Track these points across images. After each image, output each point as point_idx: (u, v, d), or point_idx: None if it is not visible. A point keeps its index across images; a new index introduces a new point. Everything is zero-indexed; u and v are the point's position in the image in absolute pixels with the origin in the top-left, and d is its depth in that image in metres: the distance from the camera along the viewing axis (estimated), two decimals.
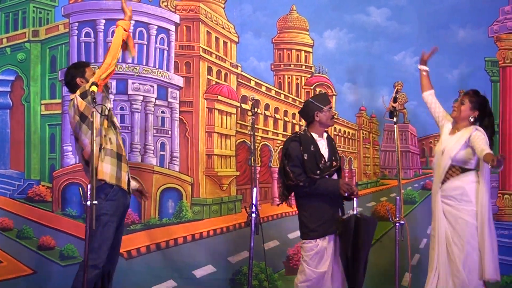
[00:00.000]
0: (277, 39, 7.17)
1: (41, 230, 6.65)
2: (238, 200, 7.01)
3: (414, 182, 7.04)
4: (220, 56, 7.07)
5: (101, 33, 6.85)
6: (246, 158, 7.07)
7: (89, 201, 4.49)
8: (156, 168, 6.88)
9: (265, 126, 7.18)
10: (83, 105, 4.91)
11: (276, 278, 6.81)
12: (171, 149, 6.96)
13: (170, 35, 7.02)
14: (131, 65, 6.85)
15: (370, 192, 7.09)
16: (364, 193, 7.03)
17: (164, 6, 6.99)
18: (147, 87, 6.92)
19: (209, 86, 7.02)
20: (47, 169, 6.77)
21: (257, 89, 7.12)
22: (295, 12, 7.16)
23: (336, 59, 7.09)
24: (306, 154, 5.19)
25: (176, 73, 7.00)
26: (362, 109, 7.12)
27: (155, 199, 6.83)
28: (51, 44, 6.90)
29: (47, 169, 6.77)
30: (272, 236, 6.77)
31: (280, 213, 7.00)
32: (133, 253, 6.70)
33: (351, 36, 7.03)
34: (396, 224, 5.29)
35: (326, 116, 5.31)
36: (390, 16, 6.97)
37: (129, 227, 6.70)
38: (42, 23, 6.93)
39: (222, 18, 7.09)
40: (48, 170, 6.78)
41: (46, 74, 6.88)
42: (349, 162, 7.19)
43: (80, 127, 4.95)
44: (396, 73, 6.82)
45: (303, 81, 7.22)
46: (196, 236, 6.87)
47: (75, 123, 4.97)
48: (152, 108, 6.93)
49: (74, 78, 5.18)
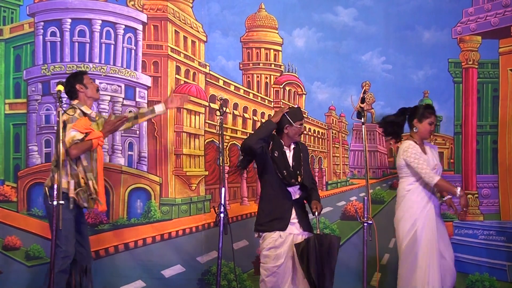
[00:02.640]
0: (246, 37, 7.16)
1: (6, 230, 6.55)
2: (207, 200, 6.99)
3: (382, 181, 7.08)
4: (188, 55, 7.04)
5: (67, 33, 6.77)
6: (215, 158, 7.05)
7: (55, 201, 4.61)
8: (124, 168, 6.83)
9: (234, 126, 7.17)
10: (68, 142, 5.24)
11: (245, 278, 6.81)
12: (139, 149, 6.91)
13: (138, 34, 6.96)
14: (98, 65, 6.79)
15: (340, 192, 7.11)
16: (334, 193, 7.06)
17: (131, 5, 6.93)
18: (115, 87, 6.86)
19: (177, 85, 6.98)
20: (11, 169, 6.68)
21: (225, 88, 7.10)
22: (264, 11, 7.15)
23: (305, 57, 7.10)
24: (276, 152, 5.23)
25: (144, 72, 6.95)
26: (331, 109, 7.13)
27: (123, 199, 6.78)
28: (16, 43, 6.80)
29: (11, 169, 6.68)
30: (241, 236, 6.75)
31: (249, 212, 7.01)
32: (101, 253, 6.65)
33: (320, 35, 7.05)
34: (364, 224, 5.31)
35: (294, 131, 5.37)
36: (357, 16, 7.01)
37: (97, 227, 6.66)
38: (6, 22, 6.82)
39: (190, 17, 7.05)
40: (12, 170, 6.68)
41: (10, 73, 6.77)
42: (319, 162, 7.21)
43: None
44: (363, 73, 6.88)
45: (272, 80, 7.21)
46: (165, 236, 6.83)
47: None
48: (120, 108, 6.87)
49: (74, 86, 5.53)
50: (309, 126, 7.18)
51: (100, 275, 6.55)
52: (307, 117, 7.12)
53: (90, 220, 6.62)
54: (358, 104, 5.53)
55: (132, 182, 6.83)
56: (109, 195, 6.71)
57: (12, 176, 6.68)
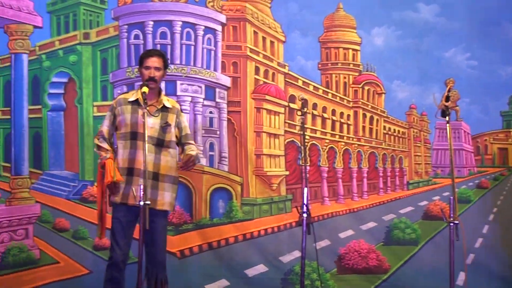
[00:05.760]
0: (324, 37, 7.17)
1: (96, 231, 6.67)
2: (288, 200, 7.01)
3: (468, 180, 6.98)
4: (267, 55, 7.08)
5: (150, 35, 6.88)
6: (295, 158, 7.07)
7: (142, 201, 4.41)
8: (205, 168, 6.89)
9: (313, 126, 7.18)
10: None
11: (328, 277, 6.77)
12: (220, 149, 6.98)
13: (217, 35, 7.04)
14: (179, 66, 6.88)
15: (421, 192, 7.05)
16: (415, 192, 7.01)
17: (210, 7, 7.00)
18: (195, 87, 6.94)
19: (256, 85, 7.03)
20: None
21: (304, 88, 7.12)
22: (342, 10, 7.15)
23: (384, 56, 7.07)
24: None
25: (224, 73, 7.02)
26: (412, 107, 7.08)
27: (205, 199, 6.85)
28: (102, 46, 6.97)
29: None
30: (323, 235, 6.75)
31: (330, 212, 7.00)
32: (186, 252, 6.71)
33: (400, 33, 7.01)
34: (450, 224, 5.23)
35: None
36: (439, 13, 6.94)
37: (181, 227, 6.74)
38: (93, 26, 7.01)
39: (269, 17, 7.10)
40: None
41: (97, 76, 6.95)
42: (400, 161, 7.16)
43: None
44: (447, 70, 6.79)
45: (351, 79, 7.21)
46: (247, 236, 6.87)
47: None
48: (200, 109, 6.95)
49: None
50: (389, 125, 7.14)
51: (184, 274, 6.63)
52: (386, 117, 7.08)
53: (174, 220, 6.72)
54: (442, 102, 5.47)
55: (213, 182, 6.90)
56: (192, 195, 6.80)
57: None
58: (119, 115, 4.80)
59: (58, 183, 6.82)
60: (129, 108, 4.78)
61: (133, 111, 4.77)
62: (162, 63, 4.85)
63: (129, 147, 4.75)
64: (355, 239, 6.83)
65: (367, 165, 7.27)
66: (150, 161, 4.71)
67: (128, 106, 4.80)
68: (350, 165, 7.28)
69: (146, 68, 4.79)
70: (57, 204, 6.77)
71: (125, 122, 4.76)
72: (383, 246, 6.88)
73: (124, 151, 4.77)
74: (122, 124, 4.78)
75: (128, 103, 4.81)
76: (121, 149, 4.79)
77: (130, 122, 4.75)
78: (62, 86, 6.97)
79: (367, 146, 7.26)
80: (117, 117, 4.81)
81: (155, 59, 4.83)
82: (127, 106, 4.79)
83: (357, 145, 7.25)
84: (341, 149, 7.24)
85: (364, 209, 7.15)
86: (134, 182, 4.71)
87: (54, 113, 6.92)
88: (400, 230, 6.87)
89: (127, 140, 4.76)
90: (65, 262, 6.64)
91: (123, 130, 4.78)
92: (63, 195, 6.79)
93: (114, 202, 4.81)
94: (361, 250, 6.75)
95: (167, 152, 4.86)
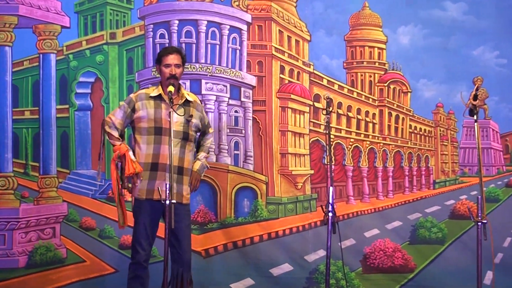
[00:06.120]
0: (350, 36, 7.13)
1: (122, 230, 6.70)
2: (313, 199, 6.99)
3: (497, 179, 6.91)
4: (292, 54, 7.06)
5: (175, 34, 6.90)
6: (320, 157, 7.05)
7: (167, 200, 4.45)
8: (230, 168, 6.90)
9: (338, 125, 7.15)
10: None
11: (353, 276, 6.76)
12: (245, 148, 6.98)
13: (242, 34, 7.04)
14: (204, 65, 6.89)
15: (448, 190, 7.00)
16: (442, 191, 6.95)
17: (236, 6, 7.00)
18: (220, 86, 6.95)
19: (281, 85, 7.02)
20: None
21: (329, 87, 7.09)
22: (368, 9, 7.11)
23: (410, 55, 7.01)
24: None
25: (249, 72, 7.02)
26: (439, 106, 7.02)
27: (230, 198, 6.85)
28: (128, 46, 7.00)
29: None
30: (348, 234, 6.73)
31: (355, 211, 6.98)
32: (211, 251, 6.73)
33: (426, 32, 6.94)
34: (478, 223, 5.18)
35: None
36: (467, 11, 6.87)
37: (206, 226, 6.76)
38: (119, 26, 7.04)
39: (294, 16, 7.08)
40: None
41: (123, 76, 6.98)
42: (426, 160, 7.11)
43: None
44: (474, 68, 6.73)
45: (376, 78, 7.17)
46: (272, 235, 6.87)
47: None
48: (225, 108, 6.95)
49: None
50: (415, 124, 7.10)
51: (210, 273, 6.66)
52: (412, 115, 7.05)
53: (199, 219, 6.74)
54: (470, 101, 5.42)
55: (238, 181, 6.90)
56: (216, 194, 6.82)
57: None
58: (139, 109, 4.82)
59: (84, 182, 6.86)
60: (151, 103, 4.82)
61: (156, 106, 4.82)
62: (181, 60, 4.90)
63: (153, 142, 4.78)
64: (380, 238, 6.81)
65: (393, 164, 7.23)
66: (175, 156, 4.75)
67: (151, 101, 4.83)
68: (375, 164, 7.25)
69: (167, 66, 4.83)
70: (83, 203, 6.81)
71: (148, 117, 4.79)
72: (409, 245, 6.84)
73: (147, 146, 4.80)
74: (143, 119, 4.80)
75: (150, 98, 4.84)
76: (143, 144, 4.82)
77: (154, 117, 4.78)
78: (89, 86, 7.01)
79: (392, 145, 7.22)
80: (136, 111, 4.82)
81: (174, 56, 4.87)
82: (150, 101, 4.83)
83: (382, 144, 7.21)
84: (366, 148, 7.20)
85: (390, 208, 7.11)
86: (159, 177, 4.77)
87: (81, 112, 6.96)
88: (426, 229, 6.83)
89: (150, 135, 4.80)
90: (91, 261, 6.69)
91: (145, 124, 4.81)
92: (89, 194, 6.82)
93: (138, 198, 4.83)
94: (387, 249, 6.73)
95: (190, 146, 4.94)
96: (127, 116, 4.86)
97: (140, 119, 4.82)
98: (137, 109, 4.82)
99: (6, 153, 6.64)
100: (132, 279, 4.88)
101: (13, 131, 6.72)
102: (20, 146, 6.86)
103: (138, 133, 4.87)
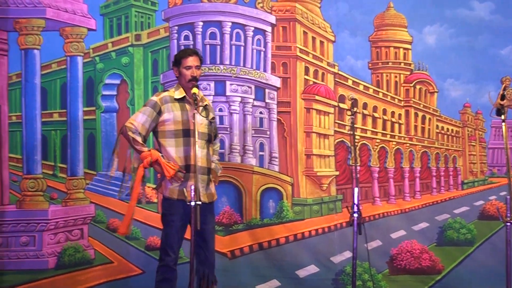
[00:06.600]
0: (374, 36, 7.10)
1: (148, 231, 6.75)
2: (339, 200, 6.97)
3: None
4: (317, 55, 7.05)
5: (199, 36, 6.91)
6: (345, 158, 7.02)
7: (193, 201, 4.42)
8: (255, 169, 6.90)
9: (364, 125, 7.12)
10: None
11: (380, 278, 6.71)
12: (270, 150, 6.98)
13: (267, 36, 7.03)
14: (228, 66, 6.89)
15: (477, 191, 6.93)
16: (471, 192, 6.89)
17: (260, 7, 7.00)
18: (245, 88, 6.95)
19: (306, 86, 7.00)
20: (151, 171, 6.86)
21: (354, 88, 7.07)
22: (393, 9, 7.08)
23: (436, 55, 6.96)
24: None
25: (273, 73, 7.01)
26: (466, 106, 6.96)
27: (255, 199, 6.84)
28: (153, 48, 7.04)
29: (151, 171, 6.86)
30: (374, 236, 6.70)
31: (382, 212, 6.93)
32: (237, 253, 6.73)
33: (453, 31, 6.89)
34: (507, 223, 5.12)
35: None
36: (494, 10, 6.81)
37: (232, 227, 6.76)
38: (144, 27, 7.08)
39: (318, 17, 7.07)
40: (153, 172, 6.86)
41: (148, 78, 7.02)
42: (453, 160, 7.05)
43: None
44: (503, 68, 6.64)
45: (402, 78, 7.13)
46: (298, 236, 6.85)
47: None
48: (250, 109, 6.95)
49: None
50: (442, 124, 7.04)
51: (236, 274, 6.65)
52: (439, 115, 7.00)
53: (224, 220, 6.74)
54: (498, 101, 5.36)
55: (264, 182, 6.89)
56: (242, 196, 6.81)
57: (152, 178, 6.87)
58: (165, 112, 4.77)
59: (112, 184, 6.86)
60: (177, 105, 4.80)
61: (182, 109, 4.79)
62: (199, 62, 4.89)
63: (182, 145, 4.77)
64: (407, 239, 6.76)
65: (420, 165, 7.17)
66: (203, 157, 4.78)
67: (176, 103, 4.80)
68: (401, 165, 7.20)
69: (188, 68, 4.80)
70: (110, 204, 6.85)
71: (175, 120, 4.75)
72: (436, 246, 6.79)
73: (177, 149, 4.78)
74: (169, 121, 4.77)
75: (175, 101, 4.81)
76: (170, 147, 4.79)
77: (181, 119, 4.75)
78: (115, 88, 7.06)
79: (419, 146, 7.17)
80: (162, 114, 4.77)
81: (194, 58, 4.86)
82: (175, 104, 4.80)
83: (408, 145, 7.16)
84: (392, 148, 7.16)
85: (416, 209, 7.07)
86: (191, 178, 4.74)
87: (107, 114, 7.01)
88: (454, 230, 6.77)
89: (178, 138, 4.77)
90: (118, 262, 6.73)
91: (171, 127, 4.77)
92: (116, 195, 6.86)
93: (170, 198, 4.82)
94: (414, 250, 6.68)
95: (211, 147, 4.96)
96: (153, 119, 4.78)
97: (164, 122, 4.78)
98: (163, 112, 4.77)
99: (35, 155, 6.71)
100: (161, 281, 4.85)
101: (42, 133, 6.79)
102: (48, 148, 6.94)
103: (163, 136, 4.82)
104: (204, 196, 4.70)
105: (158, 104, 4.78)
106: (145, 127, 4.77)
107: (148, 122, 4.77)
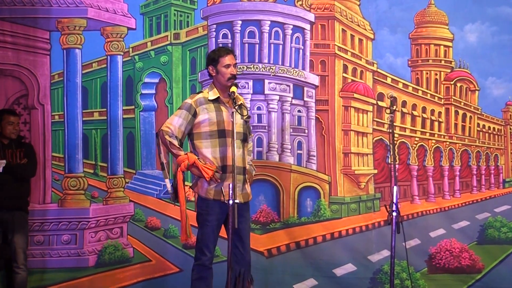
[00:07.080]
0: (415, 34, 7.02)
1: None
2: (377, 199, 6.92)
3: None
4: (355, 53, 7.00)
5: (238, 34, 6.92)
6: (383, 156, 6.97)
7: (231, 200, 4.44)
8: (293, 167, 6.89)
9: (403, 124, 7.06)
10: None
11: (418, 276, 6.65)
12: (308, 148, 6.96)
13: (305, 34, 7.01)
14: (267, 65, 6.90)
15: None
16: None
17: (299, 5, 6.97)
18: (283, 86, 6.94)
19: (344, 84, 6.96)
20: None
21: (393, 86, 7.00)
22: (434, 6, 6.99)
23: (478, 53, 6.86)
24: None
25: (312, 71, 6.99)
26: (508, 104, 6.85)
27: (293, 198, 6.85)
28: (191, 46, 7.07)
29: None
30: (413, 234, 6.64)
31: (420, 211, 6.87)
32: (274, 251, 6.75)
33: (495, 29, 6.78)
34: None
35: None
36: None
37: (269, 226, 6.77)
38: (183, 26, 7.12)
39: (357, 15, 7.01)
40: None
41: (187, 76, 7.06)
42: (495, 159, 6.95)
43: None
44: None
45: (442, 76, 7.04)
46: (335, 235, 6.83)
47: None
48: (288, 108, 6.95)
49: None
50: (483, 122, 6.94)
51: (273, 273, 6.67)
52: (480, 114, 6.91)
53: (261, 218, 6.76)
54: None
55: (301, 181, 6.89)
56: (279, 194, 6.82)
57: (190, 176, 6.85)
58: (200, 114, 4.76)
59: (149, 182, 6.98)
60: (212, 106, 4.79)
61: (216, 109, 4.79)
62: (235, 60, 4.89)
63: (219, 145, 4.77)
64: (446, 238, 6.70)
65: (460, 163, 7.08)
66: (240, 157, 4.77)
67: (211, 104, 4.80)
68: (441, 163, 7.12)
69: (227, 67, 4.79)
70: (149, 203, 6.93)
71: (211, 121, 4.75)
72: (476, 245, 6.70)
73: (213, 150, 4.78)
74: (205, 122, 4.76)
75: (209, 102, 4.81)
76: (208, 148, 4.78)
77: (216, 120, 4.75)
78: (154, 87, 7.12)
79: (459, 144, 7.07)
80: (197, 116, 4.77)
81: (231, 56, 4.86)
82: (210, 105, 4.79)
83: (448, 143, 7.07)
84: (431, 147, 7.08)
85: (456, 207, 6.98)
86: (228, 178, 4.74)
87: (146, 113, 7.07)
88: (495, 229, 6.68)
89: (214, 139, 4.77)
90: (156, 260, 6.81)
91: (206, 128, 4.77)
92: (154, 194, 6.94)
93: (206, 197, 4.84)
94: (453, 249, 6.62)
95: (246, 146, 4.95)
96: (189, 122, 4.77)
97: (200, 124, 4.78)
98: (198, 114, 4.77)
99: (77, 154, 6.84)
100: (196, 280, 4.87)
101: (83, 132, 6.91)
102: (89, 147, 7.05)
103: (198, 138, 4.81)
104: (239, 196, 4.71)
105: (193, 106, 4.78)
106: (182, 130, 4.77)
107: (184, 125, 4.77)
